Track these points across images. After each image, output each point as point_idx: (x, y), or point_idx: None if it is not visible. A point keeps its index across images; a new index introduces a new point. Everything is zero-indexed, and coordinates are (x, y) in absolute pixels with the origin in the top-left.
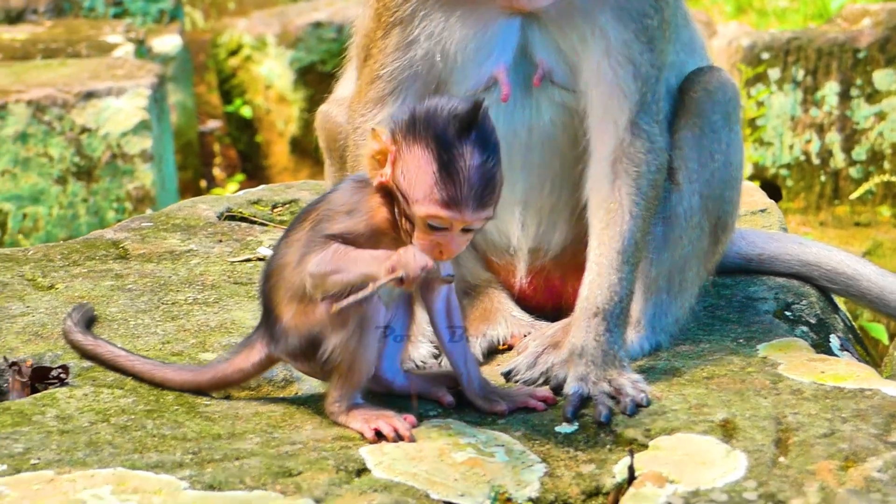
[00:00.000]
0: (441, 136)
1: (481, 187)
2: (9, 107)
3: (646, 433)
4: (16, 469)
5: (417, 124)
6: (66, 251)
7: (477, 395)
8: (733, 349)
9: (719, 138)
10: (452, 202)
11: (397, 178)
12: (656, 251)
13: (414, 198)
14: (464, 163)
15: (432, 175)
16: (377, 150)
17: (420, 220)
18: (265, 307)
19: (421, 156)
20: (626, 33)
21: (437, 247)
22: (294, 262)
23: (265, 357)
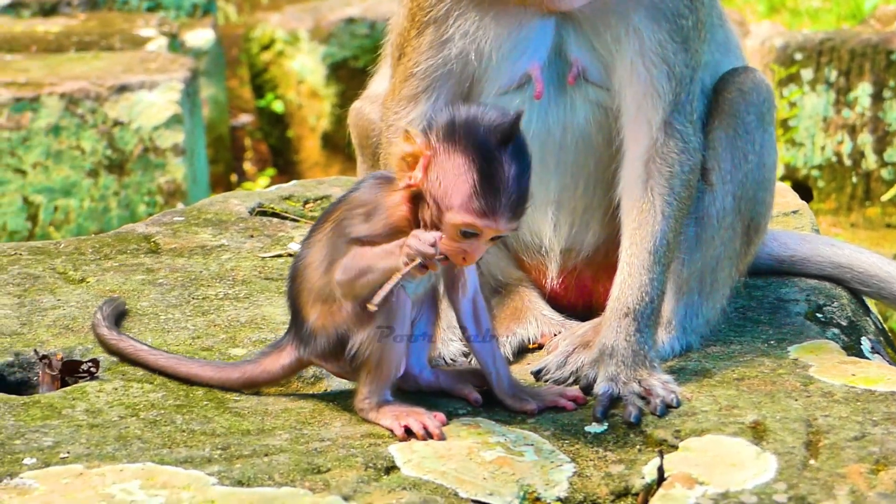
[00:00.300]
0: (483, 146)
1: (517, 198)
2: (42, 99)
3: (676, 434)
4: (45, 463)
5: (457, 132)
6: (97, 245)
7: (506, 395)
8: (764, 351)
9: (753, 139)
10: (490, 212)
11: (431, 183)
12: (688, 252)
13: (449, 205)
14: (503, 173)
15: (472, 184)
16: (409, 152)
17: (452, 228)
18: (292, 309)
19: (461, 164)
20: (660, 33)
21: (462, 253)
22: (317, 263)
23: (295, 360)
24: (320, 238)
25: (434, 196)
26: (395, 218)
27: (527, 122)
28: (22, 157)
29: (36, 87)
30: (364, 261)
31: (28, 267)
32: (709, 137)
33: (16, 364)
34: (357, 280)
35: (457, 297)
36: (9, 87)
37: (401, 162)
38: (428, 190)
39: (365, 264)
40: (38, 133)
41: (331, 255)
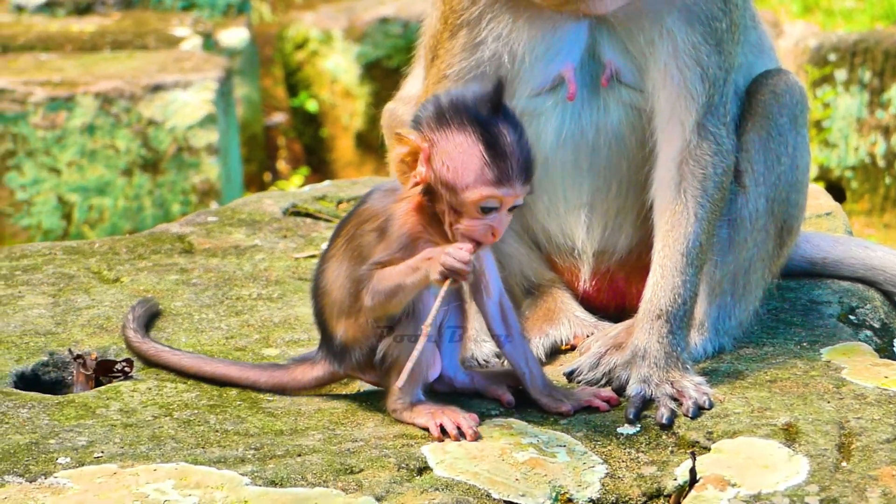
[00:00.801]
0: (478, 119)
1: (525, 160)
2: (77, 98)
3: (708, 436)
4: (79, 462)
5: (448, 115)
6: (131, 244)
7: (541, 394)
8: (797, 353)
9: (786, 141)
10: (505, 178)
11: (439, 171)
12: (721, 254)
13: (464, 184)
14: (505, 139)
15: (480, 157)
16: (406, 152)
17: (472, 206)
18: (320, 327)
19: (463, 142)
20: (693, 36)
21: (488, 230)
22: (335, 279)
23: (327, 374)
24: (334, 254)
25: (446, 182)
26: (409, 226)
27: (559, 124)
28: (57, 156)
29: (71, 87)
30: (391, 281)
31: (63, 266)
32: (742, 140)
33: (50, 364)
34: (388, 302)
35: (482, 300)
36: (44, 87)
37: (401, 165)
38: (437, 180)
39: (392, 285)
40: (73, 132)
41: (349, 272)
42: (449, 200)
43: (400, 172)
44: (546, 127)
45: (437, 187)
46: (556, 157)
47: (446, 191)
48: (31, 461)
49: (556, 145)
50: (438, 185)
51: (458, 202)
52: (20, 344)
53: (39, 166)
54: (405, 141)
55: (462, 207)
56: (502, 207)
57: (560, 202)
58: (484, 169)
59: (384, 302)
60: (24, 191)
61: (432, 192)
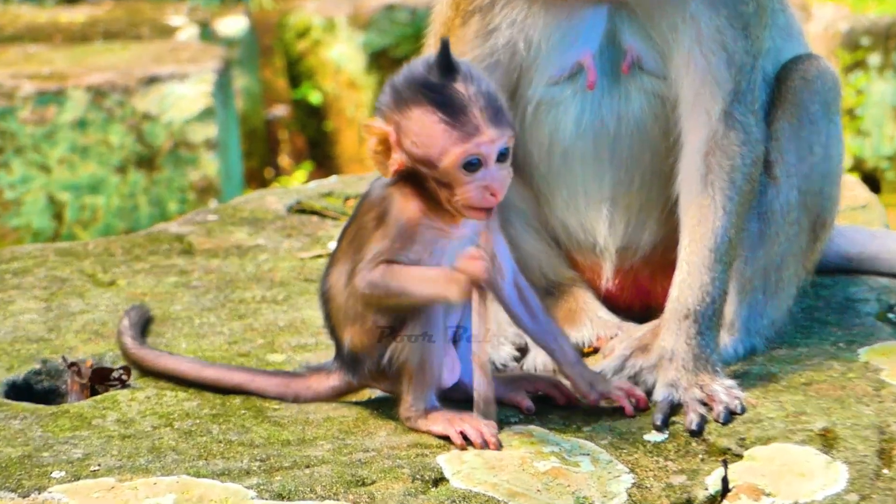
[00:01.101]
0: (429, 84)
1: (488, 104)
2: (67, 92)
3: (740, 442)
4: (75, 476)
5: (402, 92)
6: (127, 245)
7: (573, 370)
8: (833, 353)
9: (818, 130)
10: (471, 130)
11: (411, 151)
12: (751, 249)
13: (436, 154)
14: (460, 94)
15: (439, 121)
16: (377, 141)
17: (454, 171)
18: (330, 334)
19: (420, 114)
20: (718, 19)
21: (484, 192)
22: (341, 283)
23: (343, 384)
24: (339, 257)
25: (420, 159)
26: (408, 212)
27: (579, 114)
28: (47, 152)
29: (61, 80)
30: (399, 282)
31: (55, 269)
32: (772, 128)
33: (43, 372)
34: (388, 299)
35: (497, 284)
36: (32, 80)
37: (376, 156)
38: (413, 160)
39: (401, 287)
40: (64, 127)
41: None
42: (433, 176)
43: (378, 164)
44: (564, 117)
45: (417, 167)
46: (576, 148)
47: (426, 168)
48: (23, 475)
49: (575, 136)
50: (417, 165)
51: (441, 174)
52: (11, 351)
53: (28, 164)
54: (372, 130)
55: (447, 177)
56: (487, 161)
57: (580, 196)
58: (446, 129)
59: (382, 297)
60: (12, 189)
61: (417, 175)
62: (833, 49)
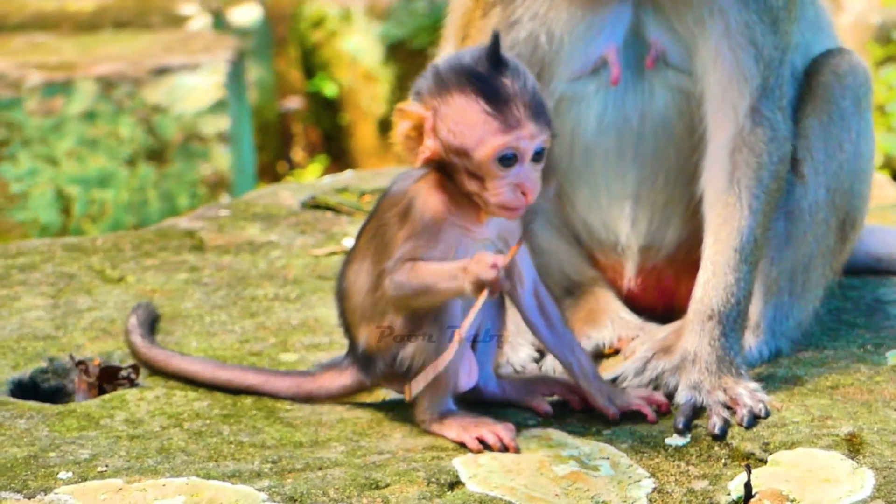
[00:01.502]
0: (476, 75)
1: (533, 103)
2: (75, 83)
3: (764, 447)
4: (82, 477)
5: (445, 80)
6: (137, 241)
7: (591, 385)
8: (860, 356)
9: (849, 126)
10: (512, 123)
11: (446, 139)
12: (778, 249)
13: (473, 143)
14: (507, 87)
15: (481, 110)
16: (410, 126)
17: (488, 164)
18: (345, 331)
19: (463, 102)
20: (747, 14)
21: (516, 190)
22: (359, 281)
23: (356, 382)
24: (356, 255)
25: (455, 148)
26: (431, 208)
27: (602, 110)
28: (54, 145)
29: (69, 70)
30: (423, 279)
31: (63, 265)
32: (800, 125)
33: (50, 370)
34: (414, 299)
35: (515, 291)
36: (40, 70)
37: (407, 142)
38: (447, 148)
39: (423, 284)
40: (72, 119)
41: (370, 271)
42: (466, 168)
43: (407, 150)
44: (587, 113)
45: (450, 157)
46: (598, 145)
47: (459, 158)
48: (29, 476)
49: (597, 132)
50: (450, 155)
51: (475, 166)
52: (17, 349)
53: (35, 156)
54: (407, 114)
55: (480, 170)
56: (522, 157)
57: (602, 194)
58: (487, 120)
59: (410, 297)
60: (19, 183)
61: (448, 166)
62: (864, 42)
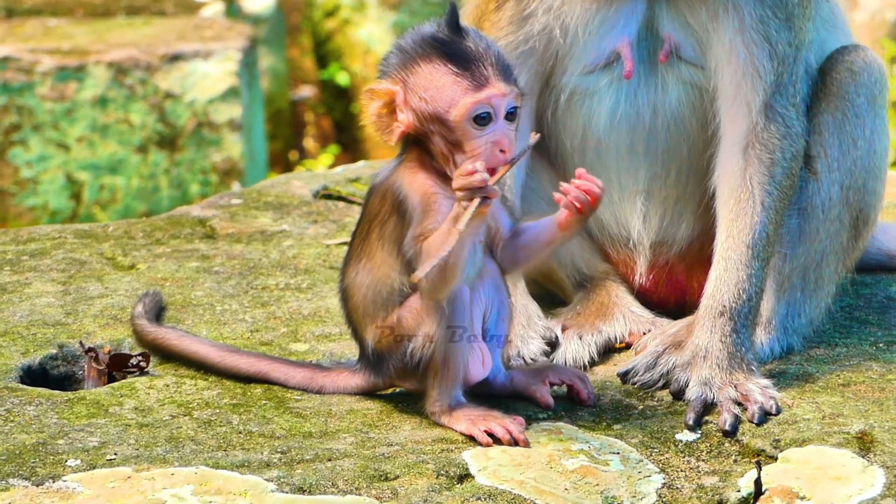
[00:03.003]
0: (438, 42)
1: (497, 60)
2: (88, 68)
3: (774, 444)
4: (90, 465)
5: (409, 52)
6: (148, 228)
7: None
8: (872, 354)
9: (863, 123)
10: (481, 80)
11: (418, 108)
12: (790, 245)
13: (446, 106)
14: (471, 48)
15: (449, 72)
16: (381, 104)
17: (464, 124)
18: (352, 333)
19: (430, 67)
20: (762, 9)
21: (494, 148)
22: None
23: (369, 384)
24: (353, 255)
25: (429, 115)
26: (420, 187)
27: (614, 104)
28: (66, 130)
29: (81, 55)
30: (437, 250)
31: (73, 251)
32: (814, 122)
33: (59, 357)
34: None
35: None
36: (52, 55)
37: (379, 121)
38: (421, 118)
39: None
40: (84, 105)
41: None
42: (442, 134)
43: (380, 130)
44: (599, 107)
45: (425, 126)
46: (610, 140)
47: (434, 125)
48: (37, 463)
49: (609, 128)
50: (425, 124)
51: (450, 129)
52: (27, 335)
53: (46, 141)
54: (377, 93)
55: (456, 132)
56: (496, 115)
57: (614, 189)
58: (457, 80)
59: (443, 275)
60: (29, 168)
61: (424, 138)
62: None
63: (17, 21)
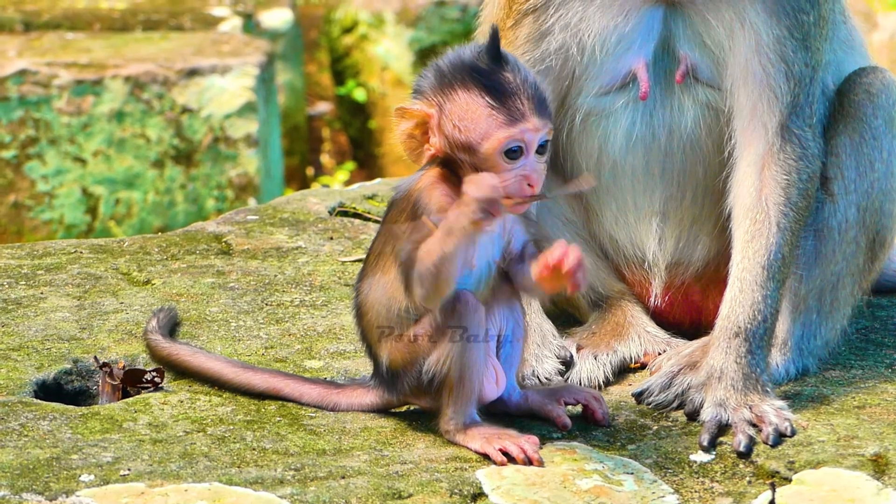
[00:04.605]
0: (477, 70)
1: (535, 95)
2: (105, 82)
3: (789, 466)
4: (104, 480)
5: (448, 75)
6: (164, 244)
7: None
8: (888, 377)
9: (880, 146)
10: (517, 116)
11: (451, 135)
12: (806, 267)
13: (479, 137)
14: (509, 81)
15: (486, 104)
16: (413, 125)
17: (494, 157)
18: (367, 350)
19: (467, 97)
20: (778, 29)
21: (522, 181)
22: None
23: (383, 402)
24: (368, 271)
25: (461, 143)
26: (436, 201)
27: (630, 125)
28: (82, 144)
29: (99, 69)
30: (432, 256)
31: (89, 266)
32: (831, 143)
33: (74, 372)
34: (439, 279)
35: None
36: (69, 69)
37: (410, 141)
38: (453, 145)
39: (436, 258)
40: (100, 119)
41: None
42: (471, 163)
43: (410, 150)
44: (615, 128)
45: (455, 153)
46: (626, 161)
47: (465, 153)
48: (51, 478)
49: (625, 149)
50: (455, 151)
51: (481, 159)
52: (42, 350)
53: (63, 155)
54: (410, 113)
55: (486, 164)
56: (528, 150)
57: (630, 210)
58: (493, 114)
59: (433, 282)
60: (45, 182)
61: (452, 162)
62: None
63: (35, 35)
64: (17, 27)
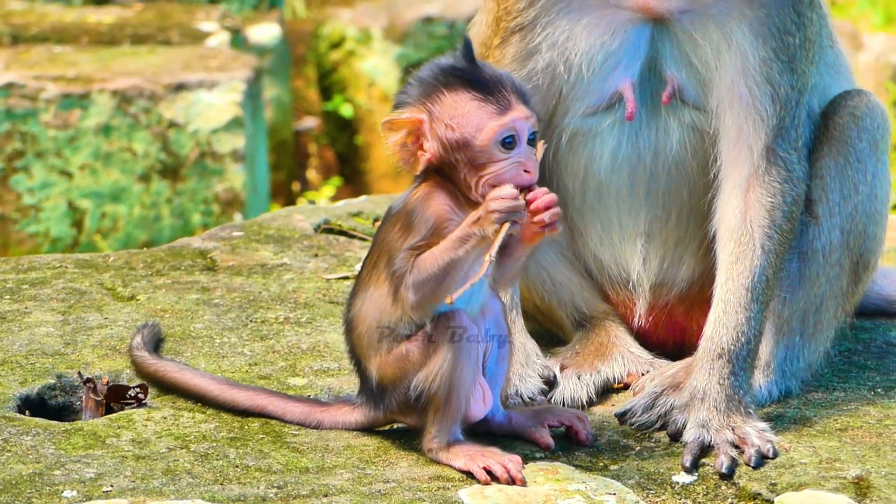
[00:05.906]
0: (458, 71)
1: (514, 84)
2: (92, 96)
3: (771, 488)
4: (86, 496)
5: (429, 80)
6: (149, 259)
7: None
8: (870, 399)
9: (865, 168)
10: (505, 105)
11: (444, 135)
12: (790, 289)
13: (472, 131)
14: (489, 75)
15: (474, 98)
16: (404, 134)
17: (490, 147)
18: (355, 367)
19: (455, 95)
20: (764, 51)
21: (519, 167)
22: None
23: (368, 420)
24: (360, 286)
25: (455, 142)
26: (434, 208)
27: (616, 146)
28: (68, 158)
29: (86, 83)
30: (437, 263)
31: (73, 281)
32: (816, 166)
33: (57, 387)
34: (437, 288)
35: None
36: (56, 82)
37: (403, 151)
38: (447, 146)
39: (441, 265)
40: (87, 133)
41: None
42: (467, 159)
43: (404, 160)
44: (601, 149)
45: (450, 155)
46: (611, 182)
47: (460, 152)
48: (33, 493)
49: (611, 170)
50: (450, 152)
51: (476, 153)
52: (25, 365)
53: (49, 169)
54: (400, 123)
55: (482, 156)
56: (520, 138)
57: (615, 231)
58: (483, 106)
59: (434, 289)
60: (31, 195)
61: (446, 166)
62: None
63: (23, 48)
64: (4, 40)
